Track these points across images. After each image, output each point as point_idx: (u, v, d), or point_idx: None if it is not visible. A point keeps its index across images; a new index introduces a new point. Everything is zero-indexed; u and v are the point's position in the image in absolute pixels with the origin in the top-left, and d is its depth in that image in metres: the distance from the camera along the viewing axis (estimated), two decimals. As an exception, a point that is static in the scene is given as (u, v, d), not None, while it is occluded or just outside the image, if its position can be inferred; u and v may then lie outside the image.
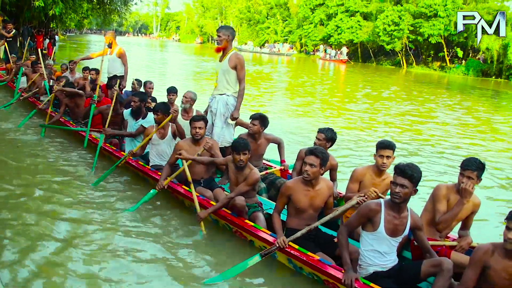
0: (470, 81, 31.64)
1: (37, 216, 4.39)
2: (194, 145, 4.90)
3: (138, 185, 5.52)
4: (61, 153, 6.56)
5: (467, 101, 19.62)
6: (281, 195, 3.79)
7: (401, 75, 34.35)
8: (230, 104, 5.36)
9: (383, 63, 43.64)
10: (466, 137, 10.93)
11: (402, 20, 37.54)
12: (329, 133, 4.64)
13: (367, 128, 11.11)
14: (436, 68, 38.77)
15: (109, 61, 7.97)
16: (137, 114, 6.15)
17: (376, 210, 3.19)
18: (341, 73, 32.99)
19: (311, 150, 3.65)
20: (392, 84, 25.78)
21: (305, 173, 3.62)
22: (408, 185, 3.07)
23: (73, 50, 33.01)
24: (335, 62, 42.65)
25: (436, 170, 7.56)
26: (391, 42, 38.85)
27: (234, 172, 4.32)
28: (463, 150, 9.42)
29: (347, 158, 7.78)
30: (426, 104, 17.08)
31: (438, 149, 9.36)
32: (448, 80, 32.00)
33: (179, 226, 4.53)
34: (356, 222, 3.30)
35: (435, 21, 35.99)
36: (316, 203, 3.74)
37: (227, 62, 5.26)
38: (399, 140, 9.71)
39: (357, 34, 43.53)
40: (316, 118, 12.22)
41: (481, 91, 25.10)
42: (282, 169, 5.49)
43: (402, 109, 15.17)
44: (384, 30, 38.59)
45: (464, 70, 35.81)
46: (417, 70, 38.51)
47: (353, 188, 4.15)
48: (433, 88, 24.46)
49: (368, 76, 29.71)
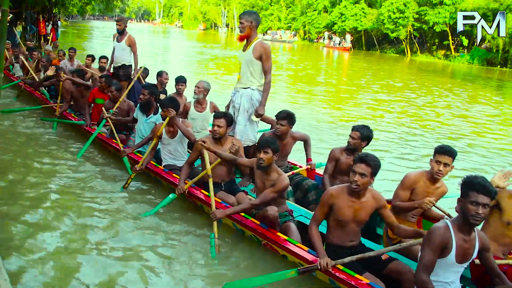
0: (475, 70, 31.38)
1: (49, 220, 4.15)
2: (216, 144, 4.46)
3: (151, 186, 5.13)
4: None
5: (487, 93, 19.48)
6: (322, 204, 3.29)
7: (406, 63, 34.12)
8: (254, 99, 4.86)
9: (387, 51, 43.30)
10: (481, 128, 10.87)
11: (407, 7, 37.19)
12: (364, 131, 4.28)
13: (380, 119, 11.05)
14: (440, 56, 38.44)
15: (117, 49, 7.56)
16: (147, 109, 5.61)
17: (448, 237, 2.70)
18: (344, 61, 32.81)
19: (361, 157, 3.14)
20: (401, 73, 25.61)
21: (353, 183, 3.12)
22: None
23: (76, 36, 32.85)
24: (339, 49, 42.41)
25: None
26: (396, 30, 38.52)
27: (260, 176, 3.87)
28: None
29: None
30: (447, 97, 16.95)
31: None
32: (453, 69, 31.79)
33: (197, 232, 4.15)
34: (430, 256, 2.70)
35: (441, 9, 35.64)
36: (360, 217, 3.25)
37: (251, 52, 4.76)
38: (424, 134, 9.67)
39: (361, 22, 43.14)
40: (321, 108, 12.18)
41: (494, 82, 24.91)
42: (309, 168, 5.05)
43: (414, 100, 15.08)
44: (389, 18, 38.25)
45: (469, 59, 35.50)
46: (422, 59, 38.20)
47: (404, 196, 3.65)
48: (448, 78, 24.30)
49: (373, 64, 29.53)
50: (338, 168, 4.44)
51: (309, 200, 4.56)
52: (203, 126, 5.83)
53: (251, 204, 3.80)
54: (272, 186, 3.73)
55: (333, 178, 4.44)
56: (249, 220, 3.86)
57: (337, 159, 4.42)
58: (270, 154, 3.74)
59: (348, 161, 4.32)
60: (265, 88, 4.83)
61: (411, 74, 25.61)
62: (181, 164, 4.99)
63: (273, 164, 3.81)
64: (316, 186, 4.64)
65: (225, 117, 4.45)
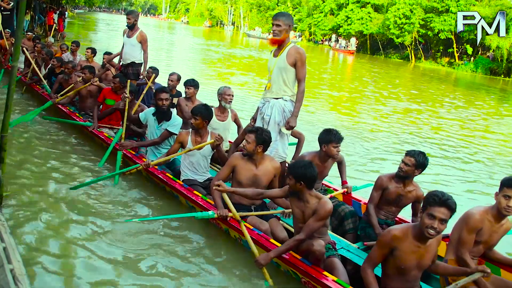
0: (479, 78, 31.48)
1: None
2: (249, 162, 3.90)
3: (165, 201, 4.58)
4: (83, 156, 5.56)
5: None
6: (381, 245, 2.81)
7: (409, 69, 34.23)
8: (287, 110, 4.30)
9: (391, 56, 43.41)
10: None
11: (413, 13, 37.35)
12: (420, 158, 3.76)
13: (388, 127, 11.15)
14: (444, 64, 38.54)
15: (126, 45, 7.05)
16: (164, 117, 5.07)
17: None
18: (348, 64, 32.94)
19: (442, 200, 2.59)
20: (404, 79, 25.70)
21: (431, 229, 2.61)
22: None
23: (82, 28, 32.96)
24: (344, 52, 42.52)
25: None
26: (401, 36, 38.69)
27: (297, 204, 3.32)
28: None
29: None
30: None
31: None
32: (456, 76, 31.89)
33: (228, 262, 3.66)
34: None
35: (446, 17, 35.79)
36: (425, 263, 2.82)
37: (285, 58, 4.21)
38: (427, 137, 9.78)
39: (367, 26, 43.32)
40: (325, 113, 12.27)
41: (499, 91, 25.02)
42: (345, 191, 4.48)
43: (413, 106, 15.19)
44: (395, 23, 38.41)
45: (472, 67, 35.59)
46: (425, 65, 38.31)
47: (470, 241, 3.15)
48: (454, 86, 24.41)
49: (375, 68, 29.64)
50: (385, 198, 3.95)
51: (346, 229, 4.06)
52: (225, 136, 5.31)
53: (296, 240, 3.23)
54: (314, 213, 3.20)
55: (378, 208, 3.99)
56: (287, 254, 3.31)
57: (385, 188, 3.91)
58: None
59: (397, 190, 3.88)
60: (299, 97, 4.27)
61: (416, 80, 25.71)
62: (202, 179, 4.56)
63: (305, 190, 3.25)
64: (354, 213, 4.12)
65: (256, 133, 3.81)
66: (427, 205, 2.63)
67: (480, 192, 6.54)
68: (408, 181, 3.85)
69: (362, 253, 3.65)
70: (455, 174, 7.39)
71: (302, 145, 5.10)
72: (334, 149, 4.01)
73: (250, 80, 16.61)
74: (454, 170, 7.61)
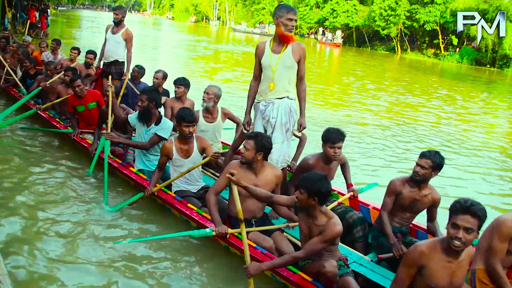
0: (464, 69, 31.76)
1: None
2: (248, 171, 3.53)
3: (157, 215, 4.24)
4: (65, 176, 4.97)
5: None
6: (408, 264, 2.52)
7: (396, 60, 34.39)
8: (293, 110, 4.03)
9: (377, 48, 43.62)
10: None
11: (399, 5, 37.54)
12: (437, 159, 3.47)
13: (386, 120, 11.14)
14: (430, 55, 38.85)
15: (110, 42, 6.68)
16: (146, 118, 4.61)
17: None
18: (334, 57, 32.97)
19: (465, 207, 2.34)
20: (392, 72, 25.78)
21: (456, 240, 2.36)
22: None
23: (65, 25, 32.47)
24: (330, 45, 42.61)
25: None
26: (387, 28, 38.91)
27: (305, 220, 3.03)
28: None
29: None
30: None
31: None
32: (442, 67, 32.12)
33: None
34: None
35: (432, 8, 36.08)
36: (458, 281, 2.53)
37: (291, 55, 3.89)
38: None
39: (352, 18, 43.46)
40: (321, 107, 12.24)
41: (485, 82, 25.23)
42: (352, 195, 4.18)
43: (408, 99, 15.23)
44: (380, 15, 38.60)
45: (458, 58, 35.93)
46: (411, 56, 38.57)
47: (503, 249, 2.83)
48: (445, 78, 24.55)
49: (360, 60, 29.71)
50: (399, 203, 3.64)
51: (355, 238, 3.78)
52: (215, 138, 5.05)
53: (293, 257, 2.96)
54: (321, 233, 2.91)
55: (391, 215, 3.68)
56: (296, 275, 3.02)
57: (398, 193, 3.62)
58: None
59: (412, 195, 3.59)
60: (303, 96, 4.01)
61: (402, 72, 25.82)
62: (195, 189, 4.22)
63: (317, 206, 2.94)
64: (363, 220, 3.84)
65: (255, 139, 3.45)
66: (451, 214, 2.39)
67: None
68: (423, 184, 3.57)
69: (375, 266, 3.41)
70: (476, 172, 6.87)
71: (303, 145, 4.85)
72: (330, 149, 3.75)
73: (239, 74, 16.48)
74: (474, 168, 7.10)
